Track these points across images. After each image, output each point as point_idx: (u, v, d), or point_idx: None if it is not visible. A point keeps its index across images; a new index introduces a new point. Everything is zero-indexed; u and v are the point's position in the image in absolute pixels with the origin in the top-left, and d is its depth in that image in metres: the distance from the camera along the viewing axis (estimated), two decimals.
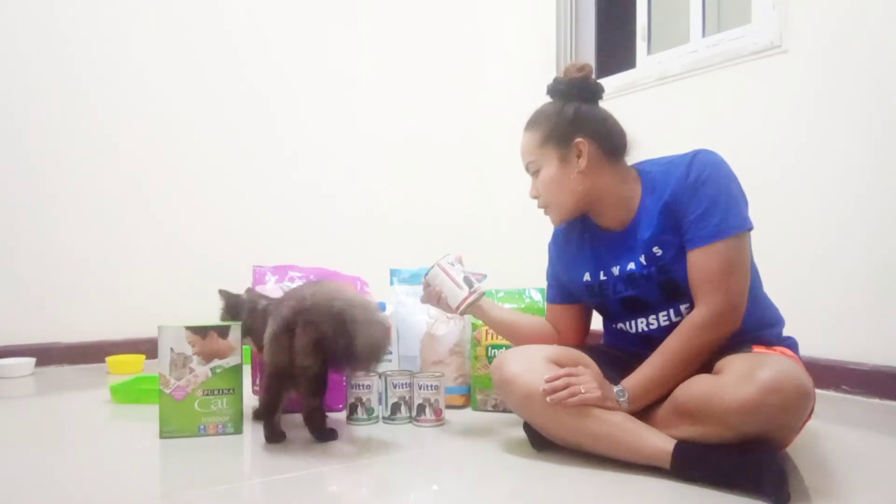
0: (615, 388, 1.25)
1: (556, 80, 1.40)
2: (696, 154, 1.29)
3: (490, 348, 1.72)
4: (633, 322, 1.39)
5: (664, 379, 1.23)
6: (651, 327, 1.36)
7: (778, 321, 1.37)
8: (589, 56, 3.06)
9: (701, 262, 1.24)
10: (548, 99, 1.41)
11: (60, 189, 2.52)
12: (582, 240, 1.44)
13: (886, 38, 1.85)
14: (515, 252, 2.83)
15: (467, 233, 3.16)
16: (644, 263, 1.31)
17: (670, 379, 1.23)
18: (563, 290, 1.51)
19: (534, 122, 1.40)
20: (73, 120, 2.54)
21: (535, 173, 1.40)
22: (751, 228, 1.26)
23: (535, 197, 1.42)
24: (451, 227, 3.16)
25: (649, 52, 2.65)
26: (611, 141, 1.36)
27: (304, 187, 2.96)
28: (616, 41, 3.00)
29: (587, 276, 1.42)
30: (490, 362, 1.60)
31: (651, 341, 1.32)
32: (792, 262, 2.01)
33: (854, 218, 1.91)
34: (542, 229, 1.55)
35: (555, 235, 1.53)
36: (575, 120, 1.34)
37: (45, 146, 2.50)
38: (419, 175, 3.23)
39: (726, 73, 2.25)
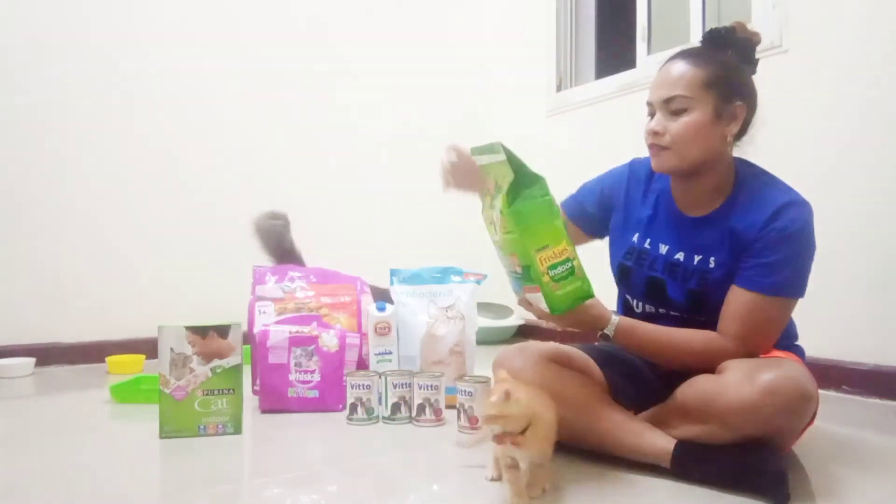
0: (613, 318, 1.22)
1: (730, 30, 1.24)
2: (790, 204, 1.19)
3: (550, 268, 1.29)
4: (642, 303, 1.37)
5: (652, 345, 1.24)
6: (660, 312, 1.33)
7: (792, 335, 1.36)
8: (589, 56, 3.06)
9: (746, 304, 1.19)
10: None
11: (60, 189, 2.52)
12: (651, 201, 1.36)
13: (886, 38, 1.85)
14: None
15: (467, 233, 3.15)
16: (694, 264, 1.27)
17: (654, 351, 1.24)
18: (580, 209, 1.47)
19: (700, 58, 1.22)
20: (74, 121, 2.54)
21: (675, 111, 1.21)
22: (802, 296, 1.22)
23: (657, 133, 1.23)
24: (452, 227, 3.15)
25: (649, 52, 2.65)
26: (748, 123, 1.27)
27: (305, 187, 2.95)
28: (616, 41, 3.00)
29: (636, 237, 1.36)
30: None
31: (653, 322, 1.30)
32: None
33: (854, 218, 1.91)
34: None
35: (634, 176, 1.40)
36: (745, 82, 1.24)
37: (45, 146, 2.50)
38: (419, 175, 3.21)
39: None
